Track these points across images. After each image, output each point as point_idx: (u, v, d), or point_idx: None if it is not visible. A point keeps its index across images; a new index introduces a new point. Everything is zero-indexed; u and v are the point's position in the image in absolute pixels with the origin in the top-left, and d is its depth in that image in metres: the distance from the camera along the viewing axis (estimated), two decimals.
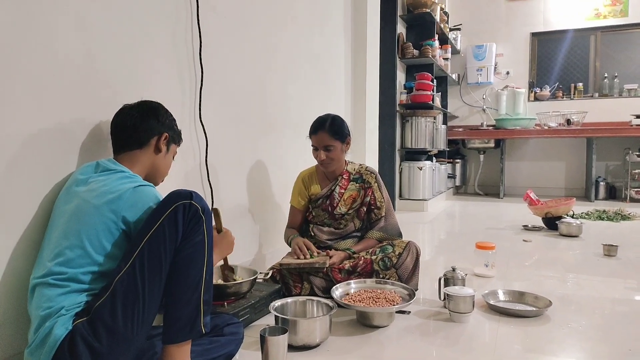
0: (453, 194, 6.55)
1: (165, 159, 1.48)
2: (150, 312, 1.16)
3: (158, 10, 1.76)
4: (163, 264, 1.16)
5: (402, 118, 5.11)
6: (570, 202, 3.83)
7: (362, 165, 2.29)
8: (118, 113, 1.43)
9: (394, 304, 1.78)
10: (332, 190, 2.22)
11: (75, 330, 1.09)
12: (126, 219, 1.22)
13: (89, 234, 1.18)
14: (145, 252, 1.15)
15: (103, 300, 1.13)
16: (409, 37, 5.33)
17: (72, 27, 1.41)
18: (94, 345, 1.09)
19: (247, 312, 1.75)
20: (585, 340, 1.67)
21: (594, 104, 6.09)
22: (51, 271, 1.15)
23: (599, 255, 2.93)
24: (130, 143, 1.39)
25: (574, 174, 6.31)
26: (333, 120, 2.15)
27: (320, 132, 2.12)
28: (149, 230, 1.17)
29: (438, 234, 3.90)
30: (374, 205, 2.22)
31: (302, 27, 2.91)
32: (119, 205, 1.21)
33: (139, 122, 1.39)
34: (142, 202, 1.23)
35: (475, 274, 2.47)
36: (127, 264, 1.15)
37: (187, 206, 1.20)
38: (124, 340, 1.12)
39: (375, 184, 2.23)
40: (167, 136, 1.45)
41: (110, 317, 1.11)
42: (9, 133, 1.24)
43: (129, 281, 1.13)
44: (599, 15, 6.13)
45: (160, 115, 1.45)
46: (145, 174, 1.42)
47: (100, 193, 1.22)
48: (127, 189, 1.23)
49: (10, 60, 1.24)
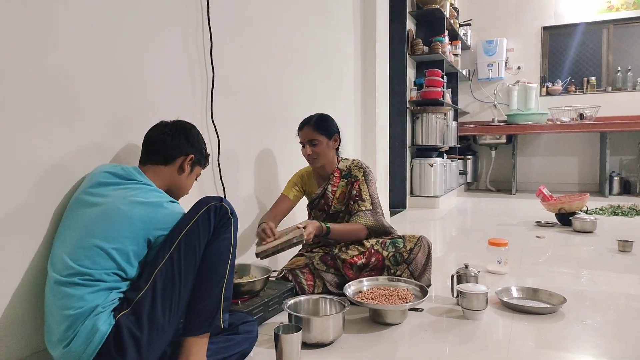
0: (464, 190, 6.51)
1: (188, 179, 1.53)
2: (182, 303, 1.25)
3: (169, 11, 1.78)
4: (197, 258, 1.27)
5: (413, 115, 5.09)
6: (584, 197, 3.79)
7: (354, 161, 2.27)
8: (153, 127, 1.49)
9: (407, 301, 1.79)
10: (325, 189, 2.23)
11: (120, 323, 1.16)
12: (153, 231, 1.28)
13: (116, 239, 1.22)
14: (182, 246, 1.25)
15: (144, 292, 1.21)
16: (419, 34, 5.30)
17: (83, 28, 1.43)
18: (137, 335, 1.17)
19: (260, 310, 1.76)
20: (600, 337, 1.65)
21: (607, 98, 6.01)
22: (78, 271, 1.18)
23: (614, 251, 2.90)
24: (157, 157, 1.44)
25: (587, 169, 6.24)
26: (319, 116, 2.19)
27: (306, 127, 2.16)
28: (185, 226, 1.27)
29: (450, 231, 3.89)
30: (359, 197, 2.15)
31: (309, 25, 2.91)
32: (151, 219, 1.27)
33: (168, 139, 1.45)
34: (171, 217, 1.31)
35: (488, 271, 2.46)
36: (164, 258, 1.23)
37: (219, 207, 1.32)
38: (161, 329, 1.21)
39: (362, 177, 2.19)
40: (192, 157, 1.50)
41: (151, 307, 1.19)
42: (24, 137, 1.27)
43: (167, 273, 1.23)
44: (611, 8, 6.05)
45: (190, 136, 1.50)
46: (164, 190, 1.44)
47: (132, 202, 1.27)
48: (158, 204, 1.30)
49: (22, 63, 1.26)
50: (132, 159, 1.58)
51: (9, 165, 1.23)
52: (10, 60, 1.23)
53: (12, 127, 1.23)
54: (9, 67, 1.22)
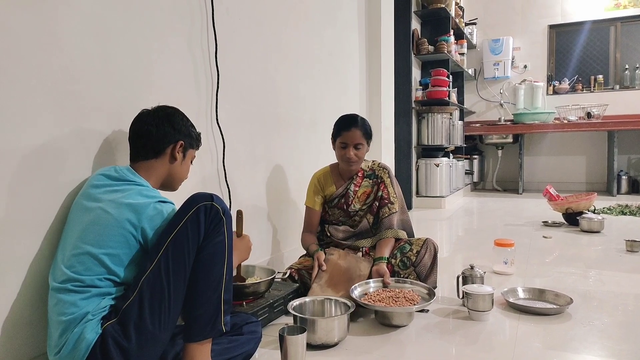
0: (471, 190, 6.49)
1: (182, 166, 1.47)
2: (175, 310, 1.20)
3: (173, 14, 1.78)
4: (186, 263, 1.21)
5: (418, 115, 5.08)
6: (592, 197, 3.77)
7: (375, 162, 2.30)
8: (135, 120, 1.43)
9: (414, 303, 1.77)
10: (347, 188, 2.22)
11: (106, 333, 1.13)
12: (145, 233, 1.24)
13: (107, 244, 1.21)
14: (169, 252, 1.19)
15: (131, 301, 1.16)
16: (424, 33, 5.29)
17: (88, 31, 1.43)
18: (124, 345, 1.13)
19: (265, 311, 1.76)
20: (607, 338, 1.64)
21: (615, 96, 5.97)
22: (70, 277, 1.17)
23: (622, 251, 2.88)
24: (146, 152, 1.39)
25: (595, 168, 6.19)
26: (364, 120, 2.16)
27: (354, 129, 2.10)
28: (173, 231, 1.21)
29: (456, 231, 3.87)
30: (387, 200, 2.20)
31: (314, 25, 2.91)
32: (140, 219, 1.23)
33: (154, 130, 1.38)
34: (160, 218, 1.26)
35: (494, 272, 2.45)
36: (152, 264, 1.19)
37: (209, 207, 1.24)
38: (152, 338, 1.16)
39: (388, 179, 2.24)
40: (182, 144, 1.44)
41: (138, 317, 1.15)
42: (28, 139, 1.27)
43: (155, 280, 1.17)
44: (618, 6, 6.00)
45: (175, 122, 1.43)
46: (161, 182, 1.43)
47: (120, 205, 1.23)
48: (147, 204, 1.25)
49: (27, 66, 1.27)
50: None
51: (12, 167, 1.24)
52: (15, 62, 1.23)
53: (15, 127, 1.24)
54: (13, 69, 1.23)
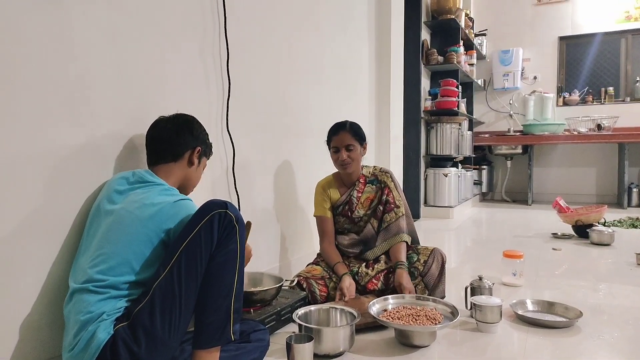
0: (479, 200, 6.46)
1: (197, 172, 1.55)
2: (186, 317, 1.21)
3: (186, 23, 1.81)
4: (199, 270, 1.21)
5: (427, 125, 5.08)
6: (602, 209, 3.73)
7: (376, 167, 2.32)
8: (154, 125, 1.49)
9: (436, 322, 1.68)
10: (350, 195, 2.23)
11: (117, 334, 1.14)
12: (167, 230, 1.28)
13: (130, 244, 1.24)
14: (182, 259, 1.20)
15: (142, 306, 1.18)
16: (434, 44, 5.30)
17: (103, 40, 1.46)
18: (133, 350, 1.14)
19: (272, 319, 1.77)
20: (617, 353, 1.62)
21: (626, 109, 5.93)
22: (92, 278, 1.20)
23: (632, 264, 2.85)
24: (166, 156, 1.46)
25: (605, 180, 6.14)
26: (352, 122, 2.22)
27: (342, 132, 2.16)
28: (187, 237, 1.22)
29: (464, 242, 3.85)
30: (393, 204, 2.22)
31: (325, 35, 2.93)
32: (161, 217, 1.27)
33: (174, 137, 1.46)
34: (181, 215, 1.29)
35: (503, 283, 2.43)
36: (165, 270, 1.20)
37: (223, 215, 1.24)
38: (162, 344, 1.17)
39: (392, 183, 2.26)
40: (200, 150, 1.52)
41: (149, 322, 1.16)
42: (45, 145, 1.30)
43: (167, 286, 1.19)
44: (629, 18, 5.98)
45: (194, 129, 1.51)
46: (178, 185, 1.48)
47: (142, 205, 1.28)
48: (168, 202, 1.30)
49: (44, 73, 1.29)
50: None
51: (29, 173, 1.26)
52: (33, 69, 1.26)
53: (33, 134, 1.26)
54: (31, 77, 1.26)
